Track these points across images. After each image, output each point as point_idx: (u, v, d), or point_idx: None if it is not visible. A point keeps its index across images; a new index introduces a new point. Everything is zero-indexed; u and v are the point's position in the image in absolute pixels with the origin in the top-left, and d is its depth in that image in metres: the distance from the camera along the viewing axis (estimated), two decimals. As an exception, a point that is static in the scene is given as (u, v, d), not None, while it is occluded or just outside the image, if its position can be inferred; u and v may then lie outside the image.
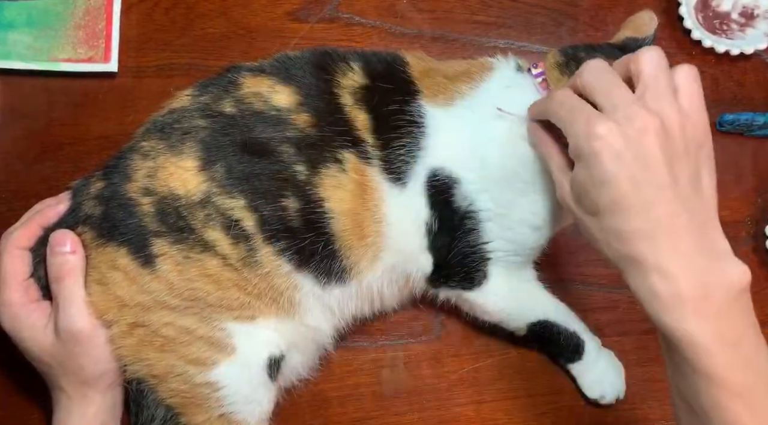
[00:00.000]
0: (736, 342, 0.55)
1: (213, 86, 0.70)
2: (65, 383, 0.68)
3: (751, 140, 0.88)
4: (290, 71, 0.70)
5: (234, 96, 0.69)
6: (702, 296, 0.55)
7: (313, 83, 0.69)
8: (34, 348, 0.67)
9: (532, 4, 0.89)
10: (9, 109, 0.82)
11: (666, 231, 0.56)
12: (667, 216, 0.56)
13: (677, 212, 0.56)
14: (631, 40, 0.74)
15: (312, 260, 0.68)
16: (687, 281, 0.55)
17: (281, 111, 0.68)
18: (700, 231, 0.57)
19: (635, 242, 0.56)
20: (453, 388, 0.79)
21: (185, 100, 0.70)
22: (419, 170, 0.69)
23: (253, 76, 0.70)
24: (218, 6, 0.85)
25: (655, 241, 0.56)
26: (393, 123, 0.69)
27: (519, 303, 0.75)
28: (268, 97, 0.68)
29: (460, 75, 0.73)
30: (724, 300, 0.55)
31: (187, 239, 0.66)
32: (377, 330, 0.80)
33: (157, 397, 0.68)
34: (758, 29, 0.89)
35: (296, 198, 0.66)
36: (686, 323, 0.55)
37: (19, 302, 0.66)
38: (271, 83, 0.69)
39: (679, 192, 0.56)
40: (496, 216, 0.70)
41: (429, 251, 0.71)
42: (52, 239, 0.67)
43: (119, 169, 0.68)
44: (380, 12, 0.87)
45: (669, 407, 0.80)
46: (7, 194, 0.80)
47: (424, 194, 0.70)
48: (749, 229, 0.86)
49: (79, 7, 0.82)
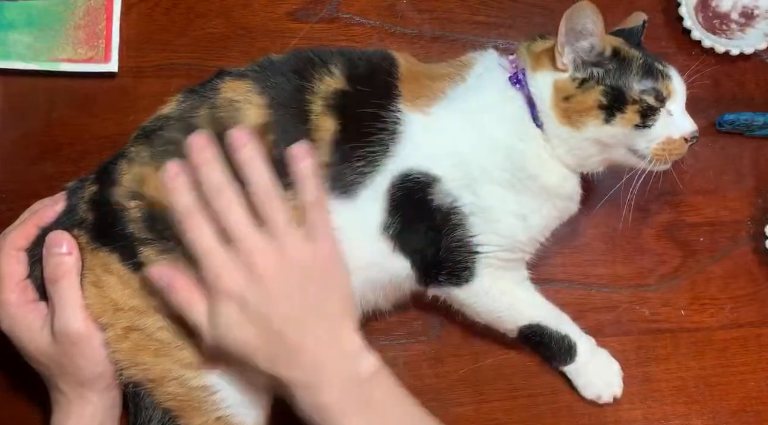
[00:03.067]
0: None
1: (196, 94, 0.70)
2: (62, 384, 0.68)
3: (751, 140, 0.88)
4: (269, 79, 0.69)
5: (211, 104, 0.68)
6: (344, 397, 0.61)
7: (286, 91, 0.69)
8: (31, 349, 0.67)
9: (532, 4, 0.89)
10: (9, 109, 0.82)
11: (299, 352, 0.61)
12: (297, 339, 0.62)
13: (306, 333, 0.62)
14: (619, 30, 0.76)
15: None
16: (329, 389, 0.61)
17: None
18: (334, 340, 0.63)
19: (280, 368, 0.61)
20: (453, 388, 0.79)
21: (172, 105, 0.70)
22: (379, 177, 0.69)
23: (233, 81, 0.70)
24: (218, 6, 0.85)
25: (292, 362, 0.61)
26: (363, 129, 0.69)
27: (509, 305, 0.74)
28: (238, 113, 0.68)
29: (443, 75, 0.73)
30: (366, 392, 0.62)
31: (175, 250, 0.66)
32: (377, 330, 0.80)
33: (155, 400, 0.68)
34: (758, 29, 0.89)
35: None
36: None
37: (16, 303, 0.66)
38: (248, 89, 0.69)
39: (305, 316, 0.62)
40: (480, 210, 0.70)
41: (401, 253, 0.71)
42: (49, 240, 0.67)
43: (107, 172, 0.69)
44: (380, 12, 0.87)
45: (669, 407, 0.80)
46: (7, 194, 0.80)
47: (381, 200, 0.69)
48: (749, 229, 0.86)
49: (79, 7, 0.82)
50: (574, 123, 0.70)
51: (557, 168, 0.72)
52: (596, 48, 0.70)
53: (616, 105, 0.69)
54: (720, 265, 0.85)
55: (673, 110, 0.71)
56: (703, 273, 0.84)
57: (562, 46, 0.70)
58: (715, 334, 0.83)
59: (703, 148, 0.84)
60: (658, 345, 0.82)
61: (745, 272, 0.85)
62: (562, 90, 0.70)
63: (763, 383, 0.82)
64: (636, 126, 0.70)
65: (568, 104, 0.70)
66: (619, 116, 0.69)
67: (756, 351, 0.83)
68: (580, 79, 0.70)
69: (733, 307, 0.84)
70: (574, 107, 0.70)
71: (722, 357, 0.82)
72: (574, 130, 0.70)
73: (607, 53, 0.71)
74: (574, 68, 0.70)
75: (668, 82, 0.71)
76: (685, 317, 0.83)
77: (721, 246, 0.85)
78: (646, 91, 0.70)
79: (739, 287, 0.84)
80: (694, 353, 0.82)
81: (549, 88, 0.71)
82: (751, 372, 0.82)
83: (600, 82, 0.70)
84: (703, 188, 0.86)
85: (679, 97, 0.72)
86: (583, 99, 0.70)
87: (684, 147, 0.72)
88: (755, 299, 0.84)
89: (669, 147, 0.71)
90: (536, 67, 0.72)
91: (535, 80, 0.71)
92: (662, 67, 0.72)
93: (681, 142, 0.71)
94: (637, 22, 0.77)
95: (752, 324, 0.83)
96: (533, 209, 0.72)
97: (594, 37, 0.69)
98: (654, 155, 0.71)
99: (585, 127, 0.70)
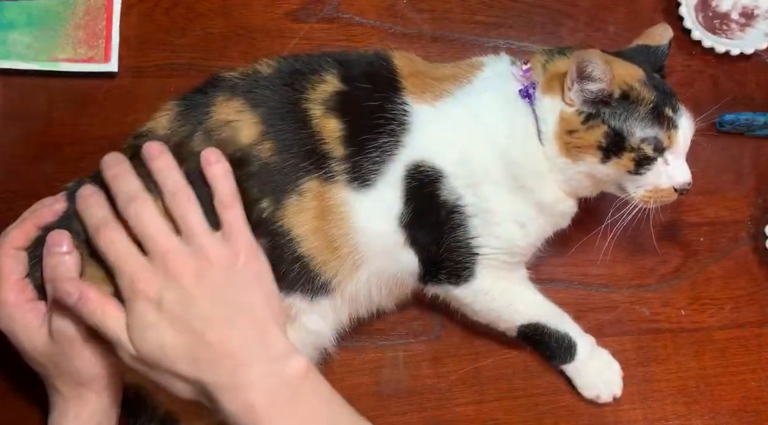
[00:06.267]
0: None
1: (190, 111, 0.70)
2: (60, 383, 0.67)
3: (751, 140, 0.88)
4: (260, 95, 0.70)
5: (204, 128, 0.68)
6: (272, 398, 0.60)
7: (280, 104, 0.69)
8: (29, 349, 0.67)
9: (532, 4, 0.89)
10: (9, 109, 0.82)
11: (223, 353, 0.60)
12: (219, 340, 0.60)
13: (228, 334, 0.61)
14: (643, 47, 0.74)
15: (297, 283, 0.68)
16: (256, 390, 0.60)
17: (243, 149, 0.68)
18: (259, 340, 0.62)
19: (203, 372, 0.60)
20: (453, 388, 0.79)
21: (163, 120, 0.70)
22: (394, 166, 0.69)
23: (225, 101, 0.69)
24: (218, 6, 0.85)
25: (215, 364, 0.60)
26: (371, 121, 0.69)
27: (508, 305, 0.75)
28: (234, 133, 0.68)
29: (449, 77, 0.73)
30: (295, 393, 0.61)
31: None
32: (377, 330, 0.80)
33: (156, 402, 0.68)
34: (758, 29, 0.89)
35: (264, 236, 0.67)
36: None
37: (14, 302, 0.66)
38: (240, 108, 0.69)
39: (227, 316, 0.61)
40: (481, 212, 0.70)
41: (410, 247, 0.71)
42: (49, 239, 0.67)
43: None
44: (380, 12, 0.87)
45: (669, 407, 0.80)
46: (7, 194, 0.80)
47: (398, 188, 0.69)
48: (749, 229, 0.86)
49: (79, 7, 0.82)
50: (572, 156, 0.70)
51: (555, 187, 0.72)
52: (605, 91, 0.69)
53: (614, 149, 0.69)
54: (720, 265, 0.85)
55: (671, 160, 0.70)
56: (703, 273, 0.84)
57: (571, 83, 0.69)
58: (715, 334, 0.83)
59: (703, 148, 0.84)
60: (658, 345, 0.82)
61: (745, 272, 0.85)
62: (568, 123, 0.70)
63: (763, 383, 0.82)
64: (629, 172, 0.69)
65: (570, 138, 0.70)
66: (615, 159, 0.69)
67: (756, 351, 0.83)
68: (586, 114, 0.69)
69: (733, 307, 0.84)
70: (576, 142, 0.70)
71: (722, 357, 0.82)
72: (571, 162, 0.70)
73: (615, 95, 0.69)
74: (582, 103, 0.70)
75: (673, 132, 0.70)
76: (685, 317, 0.83)
77: (721, 246, 0.85)
78: (647, 141, 0.69)
79: (739, 287, 0.84)
80: (694, 353, 0.82)
81: (555, 117, 0.70)
82: (751, 372, 0.82)
83: (604, 122, 0.69)
84: (703, 188, 0.86)
85: (680, 148, 0.71)
86: (585, 136, 0.69)
87: (673, 195, 0.71)
88: (755, 299, 0.84)
89: (657, 195, 0.71)
90: (547, 90, 0.71)
91: (543, 104, 0.71)
92: (672, 115, 0.70)
93: (670, 191, 0.71)
94: (663, 40, 0.75)
95: (752, 323, 0.83)
96: (531, 218, 0.72)
97: (602, 82, 0.68)
98: (640, 199, 0.71)
99: (582, 161, 0.70)
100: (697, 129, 0.73)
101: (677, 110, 0.71)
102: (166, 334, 0.60)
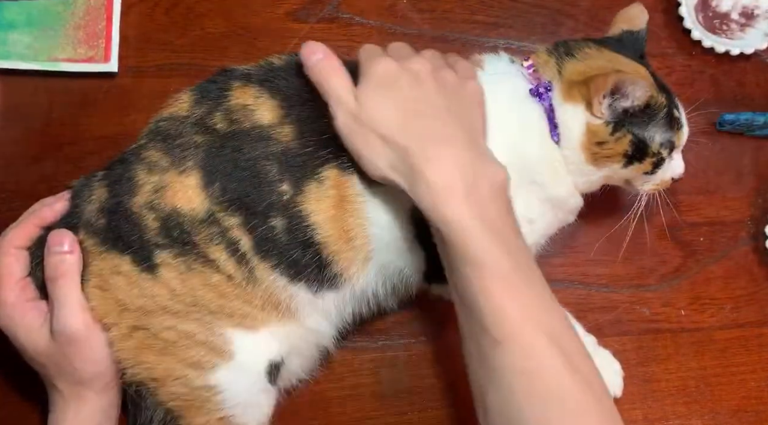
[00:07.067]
0: (499, 230, 0.61)
1: (207, 95, 0.69)
2: (60, 383, 0.67)
3: (751, 140, 0.88)
4: (275, 83, 0.69)
5: (224, 108, 0.68)
6: (471, 185, 0.61)
7: (297, 93, 0.69)
8: (29, 348, 0.67)
9: (532, 4, 0.89)
10: (9, 109, 0.82)
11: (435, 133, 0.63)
12: (439, 124, 0.64)
13: (448, 121, 0.64)
14: (628, 32, 0.75)
15: (305, 270, 0.68)
16: (459, 172, 0.62)
17: (263, 128, 0.67)
18: (469, 137, 0.65)
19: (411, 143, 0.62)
20: (453, 388, 0.79)
21: (183, 106, 0.69)
22: None
23: (241, 87, 0.69)
24: (218, 6, 0.85)
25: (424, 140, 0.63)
26: None
27: None
28: (252, 113, 0.68)
29: None
30: (488, 191, 0.62)
31: (191, 253, 0.66)
32: (377, 330, 0.80)
33: (157, 400, 0.68)
34: (758, 29, 0.89)
35: (282, 217, 0.67)
36: (458, 209, 0.61)
37: (15, 301, 0.66)
38: (256, 94, 0.69)
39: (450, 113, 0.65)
40: None
41: (418, 243, 0.71)
42: (50, 238, 0.67)
43: (123, 180, 0.68)
44: (380, 12, 0.87)
45: (669, 407, 0.80)
46: (7, 194, 0.80)
47: None
48: (749, 229, 0.86)
49: (79, 7, 0.82)
50: (598, 164, 0.71)
51: (568, 183, 0.72)
52: (637, 107, 0.70)
53: (637, 156, 0.71)
54: (720, 265, 0.85)
55: (674, 155, 0.74)
56: (703, 273, 0.84)
57: (602, 97, 0.69)
58: (715, 334, 0.83)
59: (703, 148, 0.85)
60: (658, 345, 0.82)
61: (745, 272, 0.85)
62: (596, 135, 0.70)
63: (763, 383, 0.82)
64: (645, 173, 0.72)
65: (599, 149, 0.70)
66: (637, 164, 0.71)
67: (756, 351, 0.83)
68: (614, 125, 0.70)
69: (733, 307, 0.84)
70: (605, 153, 0.70)
71: (722, 357, 0.82)
72: (596, 168, 0.72)
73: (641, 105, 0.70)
74: (609, 114, 0.70)
75: (680, 132, 0.73)
76: (685, 317, 0.83)
77: (721, 246, 0.85)
78: (664, 145, 0.71)
79: (739, 287, 0.84)
80: (694, 353, 0.82)
81: (581, 128, 0.70)
82: (751, 372, 0.82)
83: (629, 131, 0.70)
84: (703, 188, 0.86)
85: (682, 144, 0.74)
86: (615, 147, 0.70)
87: (669, 183, 0.75)
88: (755, 299, 0.84)
89: (659, 186, 0.75)
90: (568, 98, 0.71)
91: (565, 112, 0.71)
92: (678, 115, 0.72)
93: (669, 181, 0.75)
94: (641, 23, 0.75)
95: (752, 324, 0.83)
96: (540, 214, 0.72)
97: (638, 101, 0.69)
98: (647, 192, 0.75)
99: (606, 167, 0.72)
100: (697, 129, 0.74)
101: (680, 109, 0.73)
102: (392, 103, 0.64)
